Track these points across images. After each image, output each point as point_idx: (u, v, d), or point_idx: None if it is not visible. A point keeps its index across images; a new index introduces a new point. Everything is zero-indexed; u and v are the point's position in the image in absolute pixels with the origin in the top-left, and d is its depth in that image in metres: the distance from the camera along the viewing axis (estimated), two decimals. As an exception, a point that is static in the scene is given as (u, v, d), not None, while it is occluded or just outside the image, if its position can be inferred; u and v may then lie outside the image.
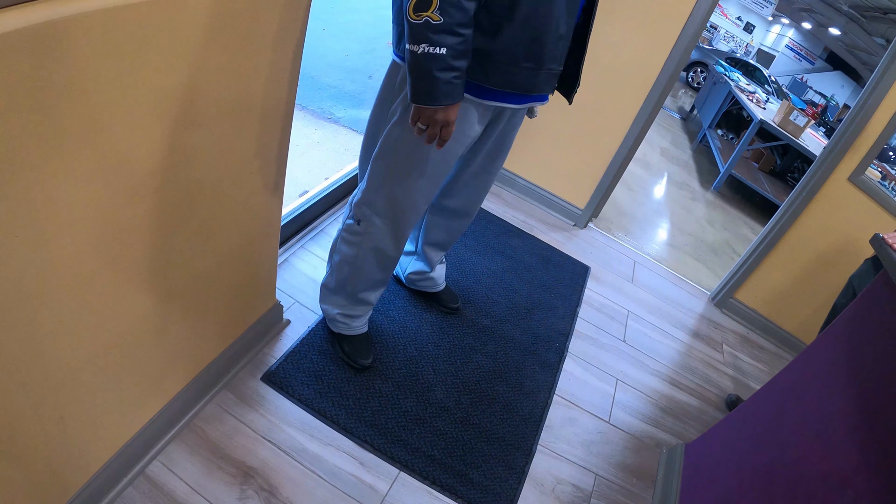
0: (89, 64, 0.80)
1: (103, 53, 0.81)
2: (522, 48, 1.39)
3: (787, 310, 3.47)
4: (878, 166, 3.82)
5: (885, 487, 1.17)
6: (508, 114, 1.68)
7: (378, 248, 1.78)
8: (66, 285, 0.97)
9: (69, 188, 0.87)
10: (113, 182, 0.96)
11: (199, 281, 1.41)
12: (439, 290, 2.41)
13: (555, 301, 2.81)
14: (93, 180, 0.91)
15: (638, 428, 2.34)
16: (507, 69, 1.42)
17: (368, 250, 1.79)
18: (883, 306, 1.53)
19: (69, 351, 1.06)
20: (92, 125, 0.85)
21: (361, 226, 1.75)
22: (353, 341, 2.02)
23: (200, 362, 1.64)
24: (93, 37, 0.78)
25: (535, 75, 1.47)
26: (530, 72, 1.45)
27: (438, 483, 1.78)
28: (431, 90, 1.30)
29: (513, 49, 1.38)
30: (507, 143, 1.82)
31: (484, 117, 1.60)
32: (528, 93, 1.51)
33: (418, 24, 1.22)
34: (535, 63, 1.44)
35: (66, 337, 1.03)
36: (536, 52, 1.42)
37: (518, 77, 1.45)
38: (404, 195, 1.67)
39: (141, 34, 0.85)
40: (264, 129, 1.35)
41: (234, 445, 1.66)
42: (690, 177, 6.45)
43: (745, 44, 17.90)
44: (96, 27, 0.78)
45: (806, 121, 6.01)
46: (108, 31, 0.80)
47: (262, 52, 1.19)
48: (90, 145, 0.87)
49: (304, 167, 3.03)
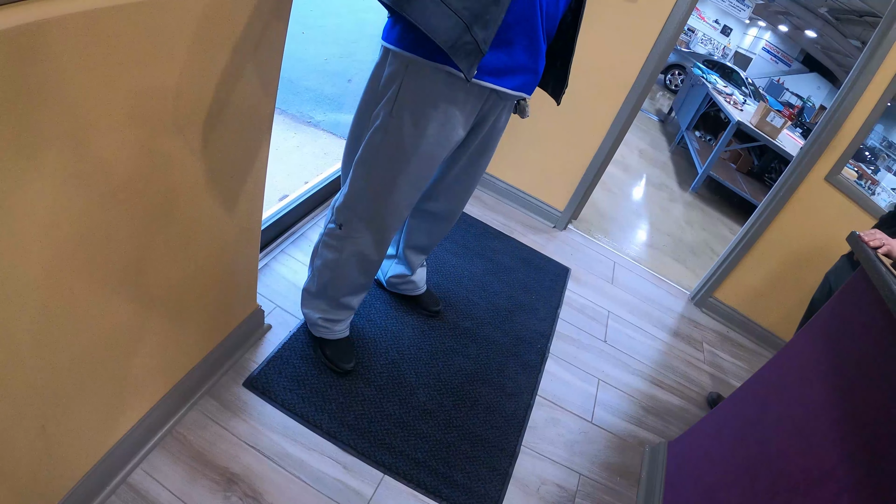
0: (67, 67, 0.79)
1: (82, 57, 0.80)
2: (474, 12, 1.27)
3: (766, 308, 3.51)
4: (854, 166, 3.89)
5: (866, 480, 1.19)
6: (493, 117, 1.68)
7: (360, 252, 1.78)
8: (45, 292, 0.96)
9: (47, 193, 0.86)
10: (91, 187, 0.95)
11: (179, 286, 1.41)
12: (420, 293, 2.40)
13: (535, 303, 2.83)
14: (71, 185, 0.90)
15: (621, 427, 2.35)
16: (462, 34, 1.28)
17: (350, 255, 1.78)
18: (859, 303, 1.56)
19: (50, 358, 1.05)
20: (70, 130, 0.84)
21: (343, 230, 1.74)
22: (335, 345, 2.01)
23: (181, 369, 1.63)
24: (71, 40, 0.77)
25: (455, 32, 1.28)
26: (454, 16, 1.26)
27: (423, 486, 1.78)
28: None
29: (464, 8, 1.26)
30: (491, 146, 1.82)
31: (468, 121, 1.60)
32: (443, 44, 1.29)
33: None
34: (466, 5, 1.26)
35: (46, 344, 1.02)
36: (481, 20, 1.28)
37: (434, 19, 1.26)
38: (386, 199, 1.66)
39: (120, 38, 0.85)
40: (244, 133, 1.35)
41: (217, 452, 1.65)
42: (669, 178, 6.50)
43: (722, 46, 18.09)
44: (75, 30, 0.77)
45: (783, 122, 6.10)
46: (86, 35, 0.79)
47: (243, 56, 1.19)
48: (68, 150, 0.86)
49: (284, 171, 3.02)
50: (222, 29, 1.07)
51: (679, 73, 12.86)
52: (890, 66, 2.76)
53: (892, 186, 5.21)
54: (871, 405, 1.30)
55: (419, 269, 2.32)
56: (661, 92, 12.70)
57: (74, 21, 0.76)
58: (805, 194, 3.14)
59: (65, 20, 0.75)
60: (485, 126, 1.70)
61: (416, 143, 1.55)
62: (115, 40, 0.84)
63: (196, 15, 0.98)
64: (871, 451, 1.22)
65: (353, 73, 5.11)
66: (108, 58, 0.84)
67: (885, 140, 7.01)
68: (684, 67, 12.52)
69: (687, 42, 17.37)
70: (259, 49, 1.23)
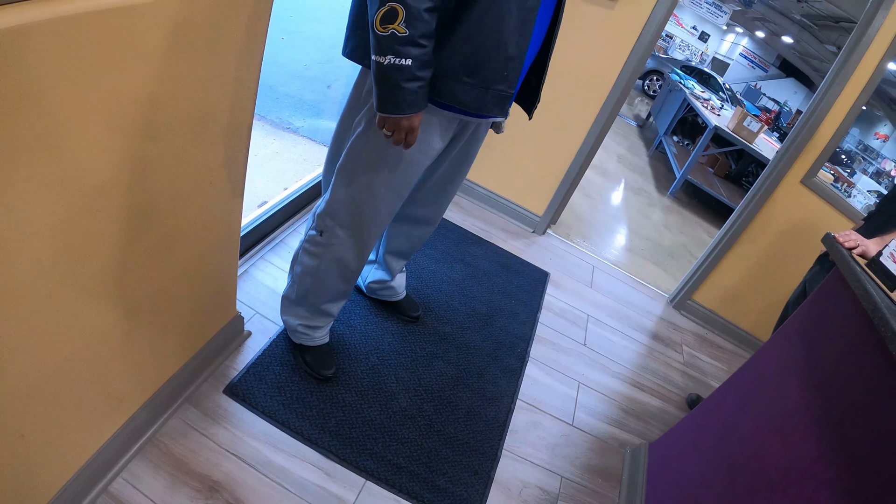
0: (46, 73, 0.79)
1: (61, 62, 0.80)
2: (462, 62, 1.39)
3: (744, 309, 3.56)
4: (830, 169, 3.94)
5: (844, 477, 1.21)
6: (472, 127, 1.70)
7: (340, 259, 1.78)
8: (25, 298, 0.95)
9: (26, 200, 0.86)
10: (71, 194, 0.95)
11: (159, 293, 1.40)
12: (400, 299, 2.41)
13: (515, 307, 2.84)
14: (50, 192, 0.90)
15: (601, 429, 2.37)
16: (448, 82, 1.41)
17: (331, 262, 1.79)
18: (835, 302, 1.59)
19: (29, 366, 1.04)
20: (49, 135, 0.84)
21: (324, 237, 1.75)
22: (316, 352, 2.01)
23: (162, 376, 1.62)
24: (49, 46, 0.77)
25: (481, 95, 1.45)
26: (475, 90, 1.44)
27: (405, 491, 1.78)
28: (398, 100, 1.32)
29: (452, 61, 1.38)
30: (471, 154, 1.85)
31: (447, 132, 1.61)
32: (476, 112, 1.50)
33: (384, 35, 1.23)
34: (479, 81, 1.43)
35: (25, 352, 1.02)
36: (478, 69, 1.40)
37: (462, 94, 1.43)
38: (367, 206, 1.67)
39: (99, 43, 0.85)
40: (223, 139, 1.35)
41: (198, 460, 1.64)
42: (647, 182, 6.56)
43: (700, 52, 18.24)
44: (53, 36, 0.77)
45: (759, 126, 6.17)
46: (65, 41, 0.79)
47: (222, 61, 1.19)
48: (47, 156, 0.86)
49: (264, 177, 3.01)
50: (201, 35, 1.08)
51: (657, 78, 12.96)
52: (865, 70, 2.82)
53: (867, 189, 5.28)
54: (847, 403, 1.32)
55: (399, 274, 2.33)
56: (639, 97, 12.79)
57: (53, 26, 0.76)
58: (781, 197, 3.19)
59: (43, 25, 0.75)
60: (465, 135, 1.73)
61: (397, 151, 1.55)
62: (93, 46, 0.84)
63: (175, 21, 0.98)
64: (848, 449, 1.24)
65: (332, 79, 5.10)
66: (86, 64, 0.84)
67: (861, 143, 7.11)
68: (662, 73, 12.61)
69: (665, 48, 17.52)
70: (238, 55, 1.23)
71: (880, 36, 2.75)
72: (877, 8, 2.71)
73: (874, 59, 2.80)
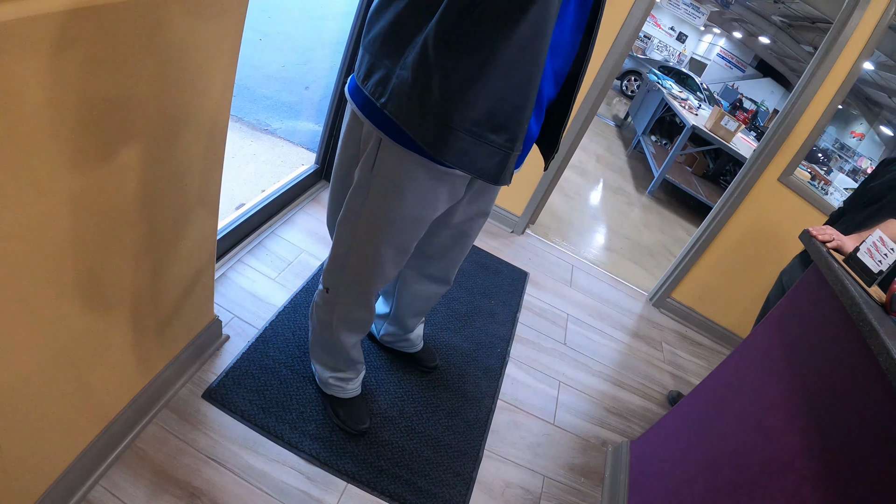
0: (20, 75, 0.78)
1: (35, 64, 0.79)
2: (493, 110, 1.13)
3: (723, 306, 3.59)
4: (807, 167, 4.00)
5: (824, 471, 1.22)
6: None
7: (349, 316, 1.70)
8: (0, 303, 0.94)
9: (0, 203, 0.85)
10: (46, 196, 0.93)
11: (135, 297, 1.38)
12: (417, 350, 2.27)
13: (495, 307, 2.84)
14: (23, 195, 0.88)
15: (583, 428, 2.38)
16: (469, 140, 1.15)
17: (340, 320, 1.70)
18: (812, 297, 1.60)
19: (5, 375, 1.03)
20: (21, 138, 0.83)
21: (330, 294, 1.67)
22: (349, 405, 1.93)
23: (139, 382, 1.60)
24: (22, 45, 0.76)
25: (500, 156, 1.19)
26: (499, 151, 1.18)
27: (387, 493, 1.78)
28: None
29: (481, 109, 1.13)
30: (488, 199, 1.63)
31: (458, 191, 1.44)
32: (492, 180, 1.24)
33: None
34: (504, 137, 1.17)
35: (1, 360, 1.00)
36: (506, 122, 1.15)
37: (482, 156, 1.18)
38: (370, 265, 1.54)
39: (72, 43, 0.84)
40: (198, 140, 1.34)
41: (177, 466, 1.62)
42: (626, 182, 6.60)
43: (677, 53, 18.36)
44: (25, 35, 0.76)
45: (737, 125, 6.24)
46: (37, 40, 0.78)
47: (196, 62, 1.18)
48: (19, 159, 0.84)
49: (241, 179, 2.99)
50: (174, 35, 1.06)
51: (635, 79, 13.03)
52: (841, 70, 2.87)
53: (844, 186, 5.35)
54: (827, 397, 1.34)
55: (417, 327, 2.19)
56: (617, 98, 12.87)
57: (24, 26, 0.75)
58: (759, 195, 3.23)
59: (16, 25, 0.74)
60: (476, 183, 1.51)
61: (398, 206, 1.39)
62: (68, 47, 0.83)
63: (147, 21, 0.97)
64: (828, 442, 1.26)
65: (310, 80, 5.08)
66: (59, 64, 0.83)
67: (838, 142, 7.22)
68: (640, 73, 12.67)
69: (643, 48, 17.62)
70: (212, 56, 1.22)
71: (856, 36, 2.80)
72: (852, 8, 2.75)
73: (850, 58, 2.85)
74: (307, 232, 2.74)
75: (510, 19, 1.02)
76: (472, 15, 1.03)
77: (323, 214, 2.89)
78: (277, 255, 2.52)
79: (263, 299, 2.26)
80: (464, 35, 1.05)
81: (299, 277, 2.46)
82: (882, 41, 2.83)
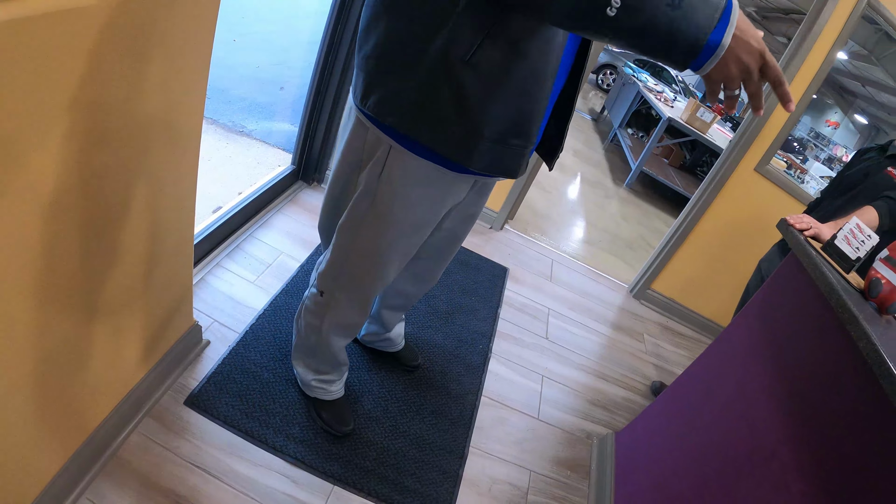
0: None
1: (8, 69, 0.77)
2: (513, 119, 1.20)
3: (703, 296, 3.63)
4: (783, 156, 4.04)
5: (808, 457, 1.24)
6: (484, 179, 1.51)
7: (342, 321, 1.69)
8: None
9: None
10: (23, 202, 0.92)
11: (113, 304, 1.36)
12: (398, 349, 2.27)
13: (475, 304, 2.84)
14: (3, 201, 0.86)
15: (567, 422, 2.39)
16: (495, 147, 1.22)
17: (332, 324, 1.69)
18: (791, 286, 1.62)
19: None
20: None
21: (325, 298, 1.64)
22: (332, 407, 1.92)
23: (120, 390, 1.58)
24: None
25: (521, 156, 1.29)
26: (518, 152, 1.27)
27: (374, 494, 1.77)
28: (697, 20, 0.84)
29: (503, 120, 1.18)
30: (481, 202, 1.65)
31: (461, 192, 1.45)
32: (511, 176, 1.33)
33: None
34: (524, 139, 1.26)
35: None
36: (525, 126, 1.23)
37: (507, 158, 1.26)
38: (372, 270, 1.53)
39: (46, 47, 0.82)
40: (172, 144, 1.32)
41: (162, 474, 1.61)
42: (603, 175, 6.63)
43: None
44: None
45: (712, 117, 6.29)
46: (11, 44, 0.76)
47: (169, 64, 1.16)
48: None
49: (217, 182, 2.96)
50: (147, 37, 1.05)
51: (611, 72, 13.06)
52: (815, 60, 2.91)
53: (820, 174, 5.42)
54: (808, 385, 1.36)
55: (397, 324, 2.19)
56: (593, 91, 12.88)
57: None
58: (736, 185, 3.27)
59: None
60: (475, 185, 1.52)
61: (405, 212, 1.39)
62: (40, 50, 0.81)
63: (120, 23, 0.96)
64: (811, 430, 1.28)
65: (285, 80, 5.06)
66: (29, 70, 0.81)
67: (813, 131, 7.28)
68: (616, 67, 12.70)
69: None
70: (185, 57, 1.21)
71: (829, 26, 2.84)
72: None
73: (824, 49, 2.89)
74: (285, 233, 2.72)
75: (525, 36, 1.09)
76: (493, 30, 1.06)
77: (301, 216, 2.87)
78: (256, 258, 2.50)
79: (243, 303, 2.24)
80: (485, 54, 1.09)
81: (278, 279, 2.44)
82: (855, 31, 2.87)
